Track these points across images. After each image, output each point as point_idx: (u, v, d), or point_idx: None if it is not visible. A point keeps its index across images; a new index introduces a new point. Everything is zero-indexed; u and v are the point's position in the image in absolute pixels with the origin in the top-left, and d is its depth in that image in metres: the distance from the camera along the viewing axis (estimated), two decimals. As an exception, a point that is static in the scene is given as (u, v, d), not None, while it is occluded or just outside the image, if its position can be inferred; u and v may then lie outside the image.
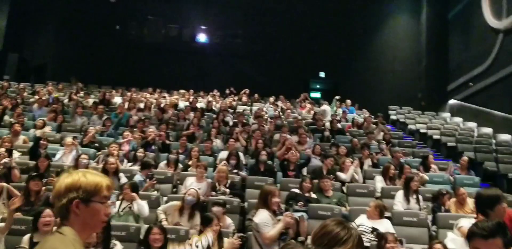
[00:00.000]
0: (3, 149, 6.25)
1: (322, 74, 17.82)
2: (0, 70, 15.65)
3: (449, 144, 11.39)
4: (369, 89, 17.31)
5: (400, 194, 6.03)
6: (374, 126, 11.13)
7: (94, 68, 16.30)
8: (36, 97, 11.38)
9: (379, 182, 6.86)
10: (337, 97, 14.23)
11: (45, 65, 16.94)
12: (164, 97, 13.47)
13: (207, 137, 8.59)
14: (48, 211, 4.05)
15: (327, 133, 9.99)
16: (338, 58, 17.28)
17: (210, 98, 13.36)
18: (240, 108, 13.18)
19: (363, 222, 5.13)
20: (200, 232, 4.33)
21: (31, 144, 7.28)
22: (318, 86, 18.38)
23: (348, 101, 14.06)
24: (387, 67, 17.77)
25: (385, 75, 17.64)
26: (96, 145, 7.83)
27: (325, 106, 13.01)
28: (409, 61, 17.64)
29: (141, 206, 4.86)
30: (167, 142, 8.28)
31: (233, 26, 17.50)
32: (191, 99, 12.83)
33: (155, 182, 5.87)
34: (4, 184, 4.81)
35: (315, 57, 17.33)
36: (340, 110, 13.28)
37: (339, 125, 10.89)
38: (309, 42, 17.40)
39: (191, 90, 14.79)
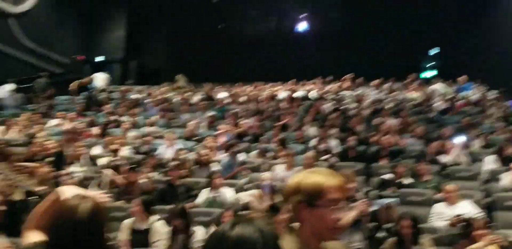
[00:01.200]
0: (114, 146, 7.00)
1: (434, 51, 16.52)
2: (123, 76, 17.43)
3: None
4: (491, 64, 15.58)
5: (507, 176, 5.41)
6: (493, 103, 10.08)
7: (201, 67, 17.24)
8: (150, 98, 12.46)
9: (488, 164, 6.21)
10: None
11: (160, 69, 18.40)
12: (264, 89, 13.73)
13: (300, 125, 8.57)
14: (136, 201, 4.47)
15: (433, 114, 9.29)
16: (452, 33, 15.84)
17: (310, 87, 13.28)
18: (342, 94, 12.90)
19: (442, 211, 4.74)
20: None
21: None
22: (431, 64, 17.06)
23: (463, 78, 12.84)
24: (509, 38, 15.80)
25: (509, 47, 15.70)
26: (197, 137, 8.30)
27: (435, 86, 12.09)
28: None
29: (225, 195, 5.07)
30: (259, 132, 8.43)
31: (333, 11, 17.08)
32: (291, 89, 12.90)
33: (245, 167, 6.08)
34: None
35: (426, 33, 16.13)
36: (453, 89, 12.24)
37: (447, 105, 10.04)
38: (418, 18, 16.22)
39: (293, 80, 14.83)
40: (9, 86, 12.11)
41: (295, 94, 12.36)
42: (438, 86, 11.83)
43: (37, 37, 14.86)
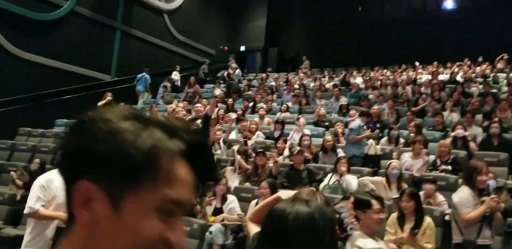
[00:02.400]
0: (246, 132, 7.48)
1: None
2: (263, 63, 18.19)
3: None
4: None
5: None
6: None
7: (341, 52, 17.08)
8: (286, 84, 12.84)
9: None
10: None
11: (298, 55, 18.69)
12: (402, 73, 13.09)
13: (439, 111, 8.04)
14: (263, 184, 4.76)
15: None
16: None
17: (456, 69, 12.25)
18: (494, 76, 11.64)
19: None
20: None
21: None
22: None
23: None
24: None
25: None
26: (326, 123, 8.37)
27: None
28: None
29: (349, 181, 5.09)
30: (393, 118, 8.13)
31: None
32: (434, 72, 12.06)
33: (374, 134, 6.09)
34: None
35: None
36: None
37: None
38: None
39: (435, 63, 13.84)
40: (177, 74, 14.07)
41: (437, 78, 11.57)
42: None
43: (187, 31, 16.35)
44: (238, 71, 15.09)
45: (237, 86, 12.62)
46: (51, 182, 3.06)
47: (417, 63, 13.50)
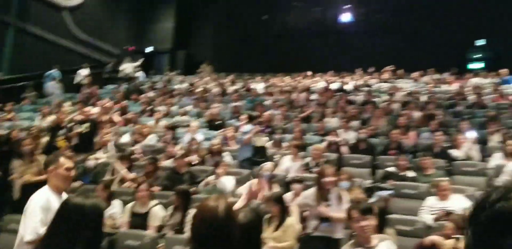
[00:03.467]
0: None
1: (481, 42, 15.83)
2: (171, 66, 18.21)
3: None
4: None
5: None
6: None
7: (247, 58, 17.63)
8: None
9: (496, 159, 6.15)
10: None
11: (206, 59, 18.97)
12: (303, 80, 13.90)
13: (322, 117, 8.75)
14: (142, 186, 4.95)
15: (460, 108, 9.12)
16: (498, 22, 15.09)
17: (347, 79, 13.31)
18: (379, 86, 12.82)
19: (432, 204, 4.88)
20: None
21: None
22: (478, 55, 16.34)
23: (504, 71, 12.31)
24: None
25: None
26: (219, 122, 8.75)
27: (474, 79, 11.74)
28: None
29: (223, 183, 5.43)
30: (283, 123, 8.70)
31: (377, 1, 16.78)
32: (328, 81, 12.99)
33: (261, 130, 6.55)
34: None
35: (471, 24, 15.46)
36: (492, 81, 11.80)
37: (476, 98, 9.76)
38: (463, 8, 15.60)
39: (330, 72, 14.88)
40: (85, 71, 13.65)
41: (331, 86, 12.47)
42: (477, 79, 11.47)
43: (90, 29, 15.90)
44: (141, 72, 14.98)
45: (135, 88, 12.56)
46: (50, 202, 2.80)
47: (309, 73, 14.43)
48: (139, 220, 4.61)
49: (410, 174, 6.03)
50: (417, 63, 14.59)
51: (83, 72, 13.79)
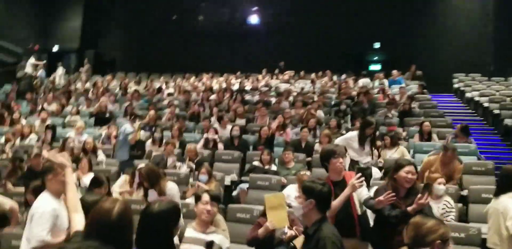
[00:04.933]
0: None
1: (377, 45, 17.05)
2: (78, 65, 17.74)
3: (495, 112, 10.51)
4: (432, 58, 16.14)
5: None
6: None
7: (155, 57, 17.64)
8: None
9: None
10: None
11: (115, 58, 18.78)
12: (200, 80, 14.23)
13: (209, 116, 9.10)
14: None
15: (343, 107, 9.86)
16: (393, 26, 16.30)
17: (247, 79, 13.81)
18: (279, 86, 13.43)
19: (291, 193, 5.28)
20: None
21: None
22: (375, 58, 17.58)
23: (394, 72, 13.39)
24: (450, 32, 16.35)
25: (449, 41, 16.24)
26: (107, 115, 8.84)
27: (362, 80, 12.68)
28: (475, 24, 16.00)
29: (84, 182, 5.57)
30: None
31: (283, 3, 17.46)
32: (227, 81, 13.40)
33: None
34: None
35: (368, 27, 16.59)
36: (380, 82, 12.81)
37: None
38: (361, 12, 16.70)
39: (238, 73, 15.33)
40: None
41: (233, 87, 12.90)
42: (363, 81, 12.41)
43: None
44: (41, 71, 14.52)
45: (28, 86, 12.21)
46: (56, 209, 2.88)
47: (209, 75, 14.84)
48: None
49: (274, 167, 6.50)
50: (320, 65, 15.44)
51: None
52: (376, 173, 5.72)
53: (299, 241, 3.43)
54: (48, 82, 13.74)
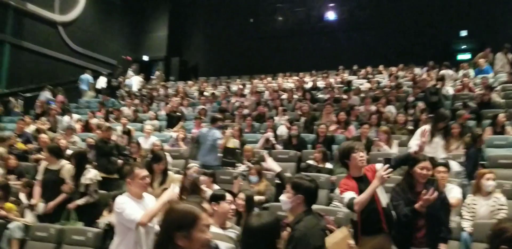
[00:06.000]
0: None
1: (464, 33, 15.80)
2: (166, 73, 18.94)
3: None
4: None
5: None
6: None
7: (236, 61, 18.18)
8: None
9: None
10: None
11: (198, 64, 19.71)
12: (273, 81, 14.34)
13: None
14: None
15: (410, 98, 9.35)
16: (481, 12, 15.03)
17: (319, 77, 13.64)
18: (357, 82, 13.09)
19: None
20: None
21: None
22: (463, 47, 16.27)
23: (481, 61, 12.31)
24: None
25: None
26: (178, 114, 9.40)
27: (444, 71, 11.84)
28: None
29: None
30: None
31: (360, -1, 17.01)
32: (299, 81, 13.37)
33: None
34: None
35: (454, 15, 15.49)
36: (465, 73, 11.86)
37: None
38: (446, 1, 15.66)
39: (313, 71, 15.23)
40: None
41: (306, 85, 12.86)
42: (445, 72, 11.58)
43: (86, 42, 16.81)
44: (132, 79, 15.76)
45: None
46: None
47: (285, 74, 14.88)
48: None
49: (328, 165, 6.40)
50: (404, 58, 14.75)
51: (103, 79, 15.12)
52: (455, 166, 5.40)
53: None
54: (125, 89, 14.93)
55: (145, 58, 19.30)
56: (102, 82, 15.30)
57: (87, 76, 14.89)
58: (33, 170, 6.42)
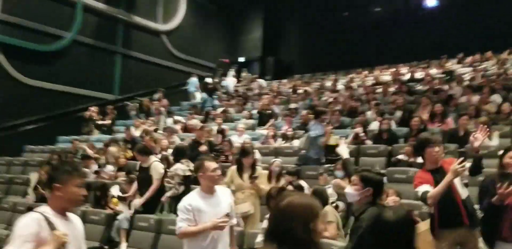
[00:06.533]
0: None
1: None
2: (261, 72, 19.37)
3: None
4: None
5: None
6: None
7: (331, 56, 17.96)
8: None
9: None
10: None
11: (293, 62, 19.81)
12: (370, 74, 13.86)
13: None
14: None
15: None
16: None
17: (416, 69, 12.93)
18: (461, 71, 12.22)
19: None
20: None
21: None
22: None
23: None
24: None
25: None
26: (269, 111, 9.76)
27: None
28: None
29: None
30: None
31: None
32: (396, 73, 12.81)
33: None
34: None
35: None
36: None
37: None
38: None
39: (414, 62, 14.53)
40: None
41: (403, 77, 12.33)
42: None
43: (186, 48, 17.87)
44: (228, 80, 16.34)
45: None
46: (199, 206, 3.11)
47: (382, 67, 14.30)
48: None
49: (419, 160, 6.07)
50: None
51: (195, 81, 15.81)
52: None
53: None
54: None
55: (241, 59, 19.89)
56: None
57: (194, 80, 15.63)
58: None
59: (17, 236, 2.07)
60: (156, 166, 5.43)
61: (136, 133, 9.75)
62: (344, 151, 3.53)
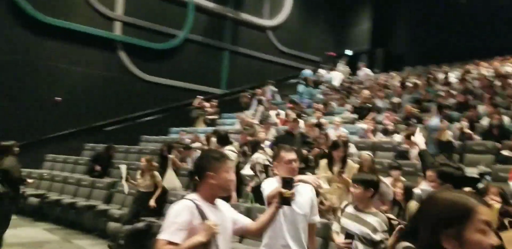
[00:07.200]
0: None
1: None
2: (370, 65, 18.70)
3: None
4: None
5: None
6: None
7: (444, 47, 16.72)
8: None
9: None
10: None
11: (403, 54, 18.76)
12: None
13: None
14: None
15: None
16: None
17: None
18: None
19: None
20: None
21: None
22: None
23: None
24: None
25: None
26: (370, 105, 9.34)
27: None
28: None
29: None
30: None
31: None
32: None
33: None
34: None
35: None
36: None
37: None
38: None
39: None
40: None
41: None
42: None
43: (292, 43, 17.97)
44: (334, 74, 16.00)
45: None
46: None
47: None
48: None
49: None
50: None
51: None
52: None
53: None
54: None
55: (348, 52, 19.42)
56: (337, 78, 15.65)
57: (308, 72, 15.63)
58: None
59: (170, 223, 2.05)
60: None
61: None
62: (419, 140, 3.19)
